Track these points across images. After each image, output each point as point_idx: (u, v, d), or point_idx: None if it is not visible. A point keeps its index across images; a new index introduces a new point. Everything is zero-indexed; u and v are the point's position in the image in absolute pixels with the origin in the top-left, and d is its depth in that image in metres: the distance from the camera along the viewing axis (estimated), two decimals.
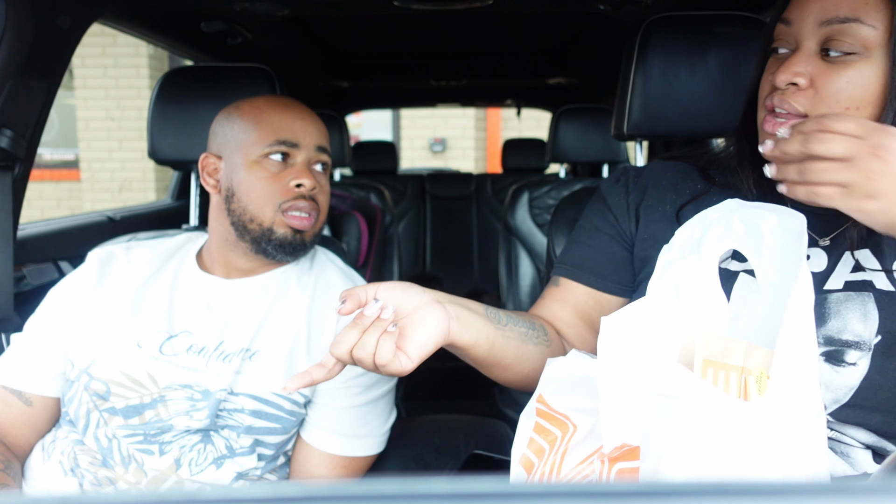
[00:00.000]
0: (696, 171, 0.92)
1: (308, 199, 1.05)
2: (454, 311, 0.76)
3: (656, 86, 1.18)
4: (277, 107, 1.08)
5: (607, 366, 0.64)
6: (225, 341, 1.02)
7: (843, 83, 0.72)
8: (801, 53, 0.75)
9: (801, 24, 0.75)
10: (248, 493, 0.27)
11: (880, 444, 0.73)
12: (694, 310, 0.68)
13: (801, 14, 0.75)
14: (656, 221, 0.89)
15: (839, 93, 0.72)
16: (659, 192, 0.91)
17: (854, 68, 0.72)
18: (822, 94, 0.73)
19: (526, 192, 1.98)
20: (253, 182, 1.04)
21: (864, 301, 0.73)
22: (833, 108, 0.73)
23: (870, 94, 0.72)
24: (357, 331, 0.69)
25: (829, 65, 0.73)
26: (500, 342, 0.80)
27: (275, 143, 1.05)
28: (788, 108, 0.75)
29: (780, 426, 0.56)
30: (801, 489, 0.26)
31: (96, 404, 1.00)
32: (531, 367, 0.83)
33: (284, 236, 1.05)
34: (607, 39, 1.95)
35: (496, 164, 5.91)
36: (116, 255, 1.12)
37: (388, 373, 0.70)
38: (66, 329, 1.05)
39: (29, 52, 1.18)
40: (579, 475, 0.61)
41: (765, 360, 0.62)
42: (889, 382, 0.71)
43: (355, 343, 0.69)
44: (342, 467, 1.05)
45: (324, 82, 2.79)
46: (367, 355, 0.69)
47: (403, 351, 0.70)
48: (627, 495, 0.26)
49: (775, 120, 0.76)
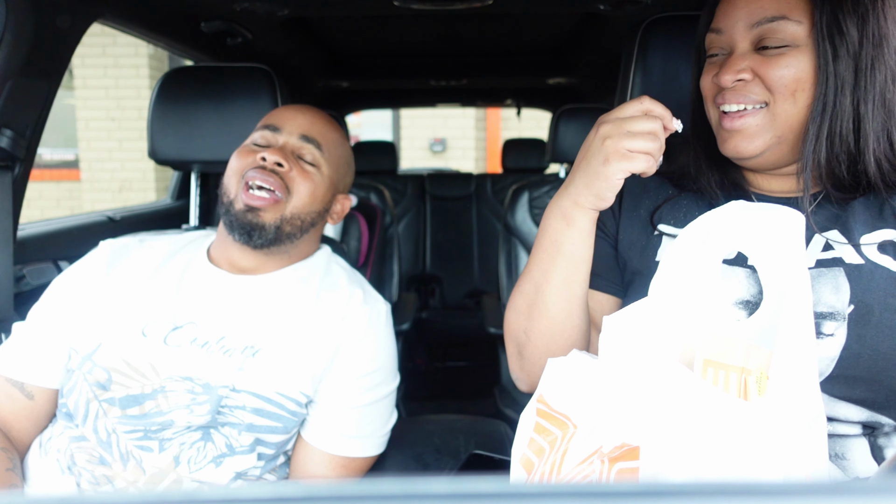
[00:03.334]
0: (666, 180, 0.96)
1: (271, 174, 1.05)
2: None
3: (656, 86, 1.18)
4: (285, 106, 1.16)
5: (608, 365, 0.64)
6: (227, 336, 1.02)
7: (784, 69, 0.78)
8: (738, 54, 0.81)
9: (732, 29, 0.81)
10: (248, 493, 0.27)
11: (873, 419, 0.75)
12: (696, 309, 0.68)
13: (730, 21, 0.82)
14: (633, 226, 0.93)
15: (783, 77, 0.78)
16: (633, 198, 0.95)
17: (790, 56, 0.78)
18: (769, 82, 0.79)
19: (526, 192, 1.98)
20: (233, 158, 1.10)
21: (835, 275, 0.76)
22: (783, 93, 0.79)
23: (809, 77, 0.78)
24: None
25: (767, 57, 0.79)
26: (589, 263, 0.86)
27: (261, 128, 1.13)
28: (745, 101, 0.80)
29: (779, 425, 0.56)
30: (801, 489, 0.26)
31: (96, 394, 0.99)
32: (575, 307, 0.87)
33: (239, 212, 1.05)
34: (607, 39, 1.95)
35: (496, 164, 5.91)
36: (130, 245, 1.13)
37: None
38: (72, 314, 1.05)
39: (29, 52, 1.18)
40: (579, 475, 0.61)
41: (765, 360, 0.62)
42: (868, 350, 0.74)
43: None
44: (343, 467, 1.06)
45: (324, 82, 2.79)
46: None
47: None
48: (627, 495, 0.26)
49: (731, 116, 0.82)
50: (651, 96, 1.19)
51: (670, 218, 0.91)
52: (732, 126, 0.81)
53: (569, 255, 0.84)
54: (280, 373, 1.01)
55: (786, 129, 0.80)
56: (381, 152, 3.73)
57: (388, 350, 1.11)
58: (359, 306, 1.09)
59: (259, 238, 1.06)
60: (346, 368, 1.05)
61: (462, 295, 3.60)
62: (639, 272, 0.89)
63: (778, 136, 0.80)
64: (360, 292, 1.11)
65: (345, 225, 1.56)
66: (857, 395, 0.74)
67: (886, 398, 0.74)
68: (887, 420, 0.75)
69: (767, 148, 0.81)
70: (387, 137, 7.20)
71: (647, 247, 0.90)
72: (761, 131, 0.80)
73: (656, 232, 0.90)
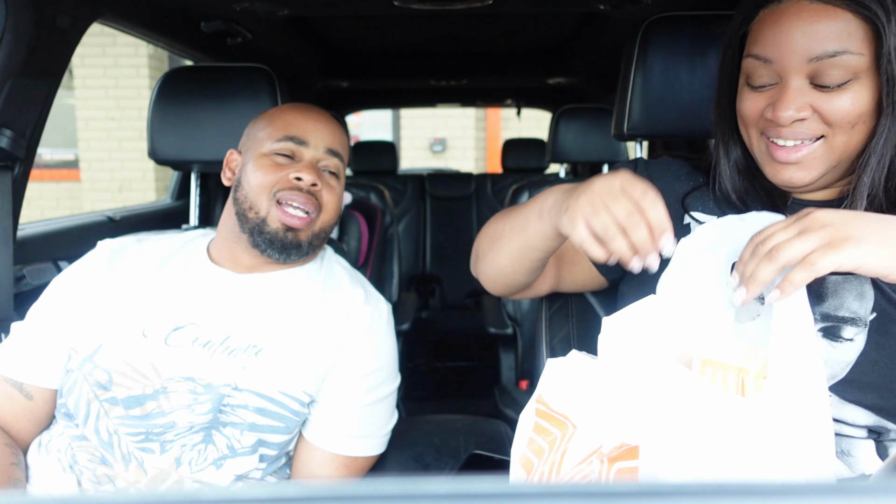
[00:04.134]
0: (696, 169, 0.96)
1: (307, 195, 1.05)
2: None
3: (656, 86, 1.18)
4: (295, 108, 1.12)
5: (608, 365, 0.64)
6: (231, 336, 1.02)
7: (847, 104, 0.74)
8: (793, 89, 0.76)
9: (786, 61, 0.76)
10: (248, 494, 0.27)
11: (880, 424, 0.75)
12: (701, 309, 0.68)
13: (782, 53, 0.76)
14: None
15: (848, 114, 0.74)
16: (664, 182, 0.93)
17: (850, 90, 0.74)
18: (830, 118, 0.75)
19: (526, 192, 1.98)
20: (256, 171, 1.06)
21: (861, 283, 0.76)
22: (843, 128, 0.75)
23: (869, 109, 0.74)
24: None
25: (827, 93, 0.75)
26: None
27: (283, 139, 1.07)
28: (800, 137, 0.77)
29: (779, 424, 0.56)
30: (801, 489, 0.26)
31: (97, 394, 0.99)
32: (522, 268, 0.93)
33: (275, 232, 1.04)
34: (607, 39, 1.95)
35: (496, 164, 5.90)
36: (128, 245, 1.12)
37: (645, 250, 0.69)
38: (72, 315, 1.05)
39: (29, 52, 1.18)
40: (579, 475, 0.61)
41: (763, 360, 0.62)
42: (885, 358, 0.74)
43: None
44: (344, 467, 1.06)
45: (324, 82, 2.79)
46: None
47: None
48: (627, 495, 0.26)
49: (787, 149, 0.78)
50: (651, 96, 1.20)
51: (699, 205, 0.90)
52: (788, 159, 0.78)
53: (530, 239, 0.86)
54: (283, 372, 1.01)
55: (842, 157, 0.77)
56: (381, 152, 3.73)
57: (389, 350, 1.11)
58: (361, 306, 1.09)
59: (296, 255, 1.07)
60: (349, 368, 1.05)
61: (462, 295, 3.60)
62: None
63: (834, 165, 0.78)
64: (361, 292, 1.11)
65: (345, 225, 1.56)
66: (868, 400, 0.74)
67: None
68: (893, 426, 0.75)
69: (822, 176, 0.79)
70: (387, 137, 7.20)
71: (676, 232, 0.89)
72: (817, 163, 0.78)
73: (686, 220, 0.89)
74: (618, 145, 2.43)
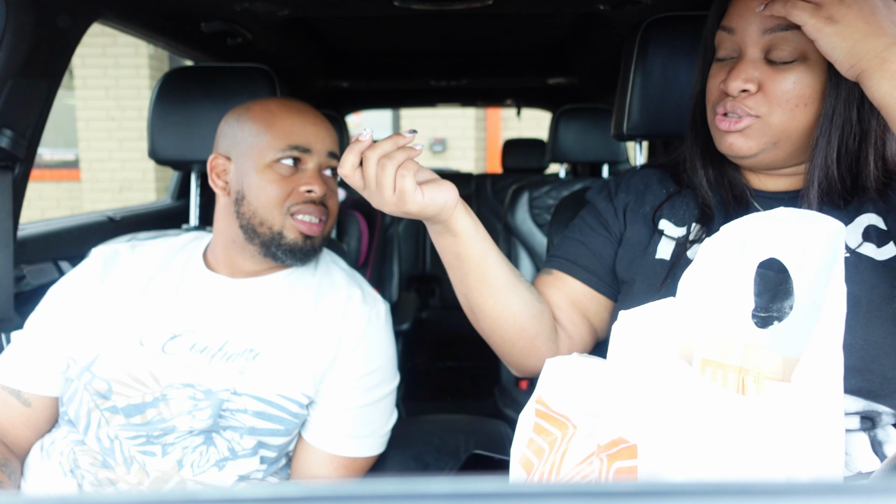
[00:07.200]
0: (668, 175, 0.97)
1: (318, 205, 1.06)
2: (468, 210, 0.82)
3: (656, 86, 1.18)
4: (290, 111, 1.07)
5: (610, 364, 0.64)
6: (229, 341, 1.02)
7: (790, 84, 0.79)
8: (748, 60, 0.81)
9: (745, 32, 0.81)
10: (248, 494, 0.27)
11: (871, 408, 0.76)
12: (720, 309, 0.68)
13: (743, 22, 0.81)
14: (636, 223, 0.94)
15: (787, 93, 0.79)
16: (637, 195, 0.96)
17: (797, 70, 0.79)
18: (771, 96, 0.79)
19: (526, 193, 1.98)
20: (263, 185, 1.03)
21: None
22: (783, 107, 0.79)
23: (813, 92, 0.79)
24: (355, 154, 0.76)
25: (775, 69, 0.80)
26: (495, 257, 0.84)
27: (287, 149, 1.04)
28: (741, 112, 0.81)
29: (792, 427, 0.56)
30: (801, 489, 0.26)
31: (97, 403, 0.99)
32: (519, 307, 0.86)
33: (294, 242, 1.04)
34: (607, 39, 1.95)
35: (496, 164, 5.90)
36: (121, 252, 1.12)
37: (403, 199, 0.75)
38: (68, 326, 1.05)
39: (29, 52, 1.18)
40: (579, 475, 0.61)
41: (763, 361, 0.62)
42: (860, 340, 0.75)
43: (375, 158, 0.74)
44: (343, 467, 1.06)
45: (324, 82, 2.78)
46: (391, 170, 0.74)
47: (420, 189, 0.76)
48: (627, 495, 0.26)
49: (729, 119, 0.82)
50: (651, 96, 1.20)
51: (670, 216, 0.92)
52: (730, 128, 0.83)
53: (444, 255, 0.85)
54: (281, 375, 1.01)
55: (781, 136, 0.81)
56: None
57: (387, 350, 1.11)
58: (358, 307, 1.09)
59: (311, 259, 1.08)
60: (347, 369, 1.05)
61: None
62: (639, 271, 0.89)
63: (773, 141, 0.82)
64: (358, 292, 1.11)
65: (345, 225, 1.56)
66: (853, 384, 0.75)
67: (881, 386, 0.75)
68: (884, 408, 0.76)
69: (762, 150, 0.82)
70: None
71: (648, 245, 0.90)
72: (756, 135, 0.82)
73: (657, 230, 0.90)
74: (618, 145, 2.43)
